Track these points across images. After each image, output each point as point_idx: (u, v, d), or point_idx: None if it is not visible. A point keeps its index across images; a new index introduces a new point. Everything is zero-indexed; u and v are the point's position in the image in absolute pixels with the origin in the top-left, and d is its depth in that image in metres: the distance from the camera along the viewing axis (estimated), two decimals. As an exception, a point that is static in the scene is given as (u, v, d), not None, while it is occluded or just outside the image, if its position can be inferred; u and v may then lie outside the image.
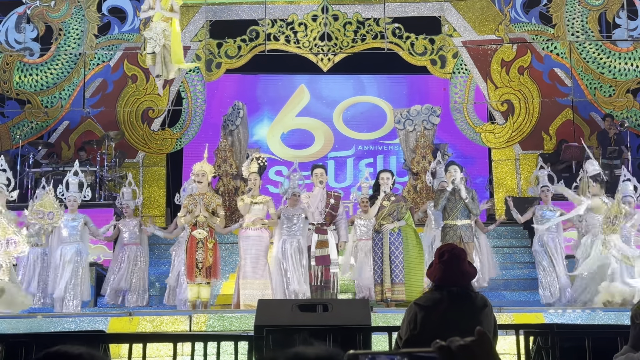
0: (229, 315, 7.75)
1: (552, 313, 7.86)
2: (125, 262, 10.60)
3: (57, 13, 14.99)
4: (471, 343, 1.46)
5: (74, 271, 9.49)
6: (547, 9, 15.00)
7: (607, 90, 14.71)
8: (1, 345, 4.82)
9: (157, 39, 9.52)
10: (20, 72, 14.83)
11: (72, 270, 9.48)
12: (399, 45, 14.97)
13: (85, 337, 5.16)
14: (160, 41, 9.54)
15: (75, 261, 9.56)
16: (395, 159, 15.60)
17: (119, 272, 10.57)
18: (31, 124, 14.68)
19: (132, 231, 10.74)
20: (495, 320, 4.03)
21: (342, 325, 4.95)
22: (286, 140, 15.80)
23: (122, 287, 10.57)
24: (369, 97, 16.11)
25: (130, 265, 10.60)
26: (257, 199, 9.24)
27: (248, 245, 9.13)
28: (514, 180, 14.53)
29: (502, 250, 11.85)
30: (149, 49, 9.72)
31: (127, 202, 10.95)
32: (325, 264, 9.19)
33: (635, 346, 3.28)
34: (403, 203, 9.39)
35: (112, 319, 7.72)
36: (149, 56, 9.76)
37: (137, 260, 10.68)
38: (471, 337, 1.48)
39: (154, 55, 9.65)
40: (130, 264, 10.61)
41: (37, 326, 7.54)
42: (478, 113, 15.05)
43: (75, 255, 9.58)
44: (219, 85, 15.64)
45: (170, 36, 9.63)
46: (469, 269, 4.01)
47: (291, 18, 15.11)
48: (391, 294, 8.94)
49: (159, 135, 14.83)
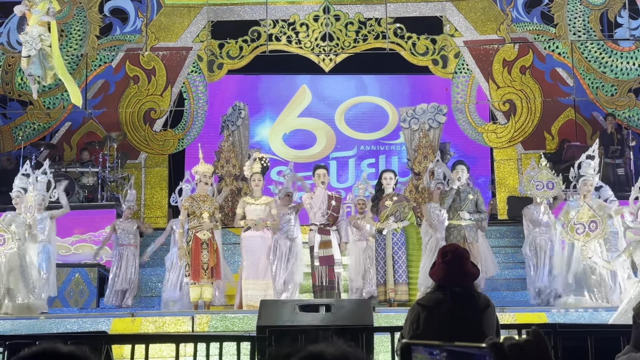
0: (232, 316, 7.75)
1: (554, 313, 7.85)
2: (123, 262, 10.59)
3: (59, 14, 14.99)
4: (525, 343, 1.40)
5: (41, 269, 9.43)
6: (548, 9, 14.99)
7: (609, 89, 14.70)
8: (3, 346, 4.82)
9: (33, 42, 9.60)
10: (22, 73, 14.82)
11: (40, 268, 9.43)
12: (401, 45, 14.97)
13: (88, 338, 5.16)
14: (37, 45, 9.60)
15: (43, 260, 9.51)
16: (398, 159, 15.59)
17: (118, 273, 10.57)
18: (33, 125, 14.69)
19: (128, 232, 10.73)
20: (498, 321, 4.03)
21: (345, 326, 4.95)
22: (288, 141, 15.80)
23: (123, 287, 10.57)
24: (370, 97, 16.11)
25: (128, 266, 10.59)
26: (259, 200, 9.24)
27: (250, 246, 9.12)
28: (516, 180, 14.52)
29: (505, 250, 11.83)
30: (24, 52, 9.81)
31: (132, 204, 10.96)
32: (329, 264, 9.19)
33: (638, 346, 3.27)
34: (405, 203, 9.38)
35: (115, 319, 7.72)
36: (24, 59, 9.85)
37: (134, 261, 10.68)
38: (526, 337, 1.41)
39: (28, 58, 9.72)
40: (128, 264, 10.60)
41: (39, 327, 7.54)
42: (480, 113, 15.05)
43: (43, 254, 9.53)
44: (220, 86, 15.65)
45: (48, 41, 9.70)
46: (472, 269, 4.01)
47: (293, 18, 15.11)
48: (394, 294, 8.94)
49: (161, 136, 14.84)
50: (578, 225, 8.43)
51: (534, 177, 9.57)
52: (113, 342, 5.43)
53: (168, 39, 15.06)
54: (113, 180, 13.29)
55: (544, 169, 9.64)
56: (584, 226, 8.42)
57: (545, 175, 9.56)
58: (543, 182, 9.53)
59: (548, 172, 9.64)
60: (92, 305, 10.68)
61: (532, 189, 9.59)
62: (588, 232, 8.39)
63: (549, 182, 9.52)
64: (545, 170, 9.62)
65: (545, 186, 9.51)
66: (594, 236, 8.40)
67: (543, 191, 9.54)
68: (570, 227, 8.44)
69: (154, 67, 14.94)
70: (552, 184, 9.52)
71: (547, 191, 9.52)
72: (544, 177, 9.54)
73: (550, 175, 9.58)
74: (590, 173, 8.99)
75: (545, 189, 9.52)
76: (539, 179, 9.53)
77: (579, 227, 8.42)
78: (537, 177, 9.55)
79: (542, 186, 9.54)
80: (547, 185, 9.51)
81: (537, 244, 9.93)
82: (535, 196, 9.77)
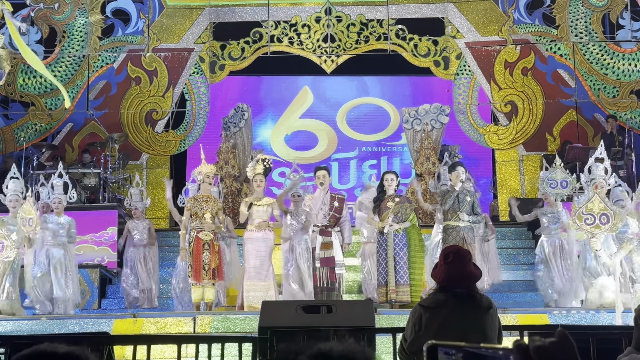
0: (233, 317, 7.76)
1: (556, 314, 7.85)
2: (137, 263, 10.57)
3: (61, 15, 15.02)
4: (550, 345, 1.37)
5: (63, 273, 9.43)
6: (550, 10, 14.99)
7: (610, 91, 14.70)
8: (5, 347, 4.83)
9: None
10: (24, 74, 14.86)
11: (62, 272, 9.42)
12: (403, 47, 14.97)
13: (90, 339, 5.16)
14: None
15: (65, 264, 9.50)
16: (399, 161, 15.60)
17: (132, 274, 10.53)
18: (35, 126, 14.70)
19: (142, 232, 10.72)
20: (500, 322, 4.03)
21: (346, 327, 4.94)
22: (290, 142, 15.80)
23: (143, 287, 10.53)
24: (372, 98, 16.12)
25: (142, 267, 10.58)
26: (261, 202, 9.24)
27: (253, 247, 9.12)
28: (517, 182, 14.52)
29: (506, 252, 11.83)
30: None
31: (135, 204, 10.93)
32: (329, 265, 9.19)
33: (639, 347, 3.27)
34: (407, 204, 9.38)
35: (116, 320, 7.73)
36: None
37: (147, 261, 10.66)
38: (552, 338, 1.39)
39: None
40: (141, 265, 10.59)
41: (41, 328, 7.55)
42: (482, 114, 15.05)
43: (63, 258, 9.51)
44: (222, 87, 15.66)
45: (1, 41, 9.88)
46: (474, 270, 4.01)
47: (294, 20, 15.12)
48: (396, 295, 8.94)
49: (163, 137, 14.85)
50: (587, 216, 8.19)
51: (548, 176, 9.63)
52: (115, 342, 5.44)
53: (170, 40, 15.07)
54: (115, 181, 13.30)
55: (559, 168, 9.71)
56: (594, 217, 8.19)
57: (560, 174, 9.61)
58: (557, 181, 9.59)
59: (562, 171, 9.72)
60: (94, 306, 10.67)
61: (546, 187, 9.64)
62: (598, 224, 8.17)
63: (563, 180, 9.57)
64: (560, 169, 9.68)
65: (559, 185, 9.57)
66: (605, 229, 8.21)
67: (557, 189, 9.59)
68: (578, 215, 8.22)
69: (156, 68, 14.96)
70: (566, 182, 9.57)
71: (560, 189, 9.58)
72: (558, 176, 9.59)
73: (564, 174, 9.63)
74: (601, 175, 8.94)
75: (559, 188, 9.57)
76: (552, 177, 9.58)
77: (588, 217, 8.18)
78: (551, 175, 9.61)
79: (555, 184, 9.59)
80: (561, 184, 9.57)
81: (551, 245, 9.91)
82: (549, 194, 9.80)
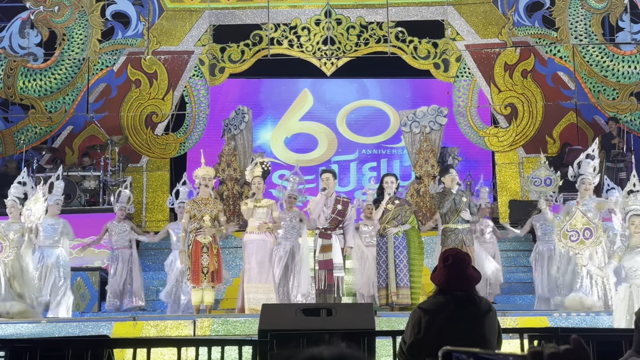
0: (233, 320, 7.74)
1: (556, 317, 7.84)
2: (119, 266, 10.54)
3: (61, 18, 15.03)
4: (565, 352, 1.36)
5: (59, 276, 9.43)
6: (550, 13, 15.00)
7: (610, 93, 14.71)
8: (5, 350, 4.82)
9: None
10: (24, 77, 14.87)
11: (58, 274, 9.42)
12: (402, 49, 14.98)
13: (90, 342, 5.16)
14: None
15: (59, 265, 9.50)
16: (399, 163, 15.60)
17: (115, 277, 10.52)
18: (35, 129, 14.71)
19: (121, 234, 10.66)
20: (500, 325, 4.03)
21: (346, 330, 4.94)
22: (290, 145, 15.81)
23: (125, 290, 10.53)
24: (372, 101, 16.12)
25: (125, 269, 10.55)
26: (261, 203, 9.24)
27: (252, 249, 9.11)
28: (517, 184, 14.52)
29: (507, 254, 11.84)
30: None
31: (124, 205, 10.87)
32: (328, 268, 9.18)
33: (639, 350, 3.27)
34: (407, 207, 9.38)
35: (116, 323, 7.71)
36: None
37: (130, 263, 10.63)
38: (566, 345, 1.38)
39: None
40: (125, 267, 10.56)
41: (41, 331, 7.54)
42: (481, 116, 15.05)
43: (58, 259, 9.51)
44: (222, 90, 15.66)
45: None
46: (474, 273, 4.01)
47: (294, 22, 15.13)
48: (396, 298, 8.94)
49: (163, 139, 14.86)
50: (572, 232, 8.20)
51: (532, 174, 9.61)
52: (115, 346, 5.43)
53: (170, 42, 15.08)
54: (115, 184, 13.29)
55: (543, 166, 9.66)
56: (578, 233, 8.18)
57: (544, 171, 9.59)
58: (541, 178, 9.56)
59: (546, 169, 9.67)
60: (93, 309, 10.66)
61: (530, 185, 9.61)
62: (582, 240, 8.16)
63: (547, 178, 9.54)
64: (544, 167, 9.65)
65: (543, 182, 9.54)
66: (589, 244, 8.19)
67: (541, 187, 9.54)
68: (563, 233, 8.23)
69: (156, 70, 14.97)
70: (550, 180, 9.53)
71: (544, 187, 9.54)
72: (542, 174, 9.57)
73: (548, 172, 9.60)
74: (590, 172, 8.89)
75: (543, 185, 9.53)
76: (537, 175, 9.57)
77: (573, 234, 8.19)
78: (535, 173, 9.59)
79: (539, 182, 9.56)
80: (545, 182, 9.53)
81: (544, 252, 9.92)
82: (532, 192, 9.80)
